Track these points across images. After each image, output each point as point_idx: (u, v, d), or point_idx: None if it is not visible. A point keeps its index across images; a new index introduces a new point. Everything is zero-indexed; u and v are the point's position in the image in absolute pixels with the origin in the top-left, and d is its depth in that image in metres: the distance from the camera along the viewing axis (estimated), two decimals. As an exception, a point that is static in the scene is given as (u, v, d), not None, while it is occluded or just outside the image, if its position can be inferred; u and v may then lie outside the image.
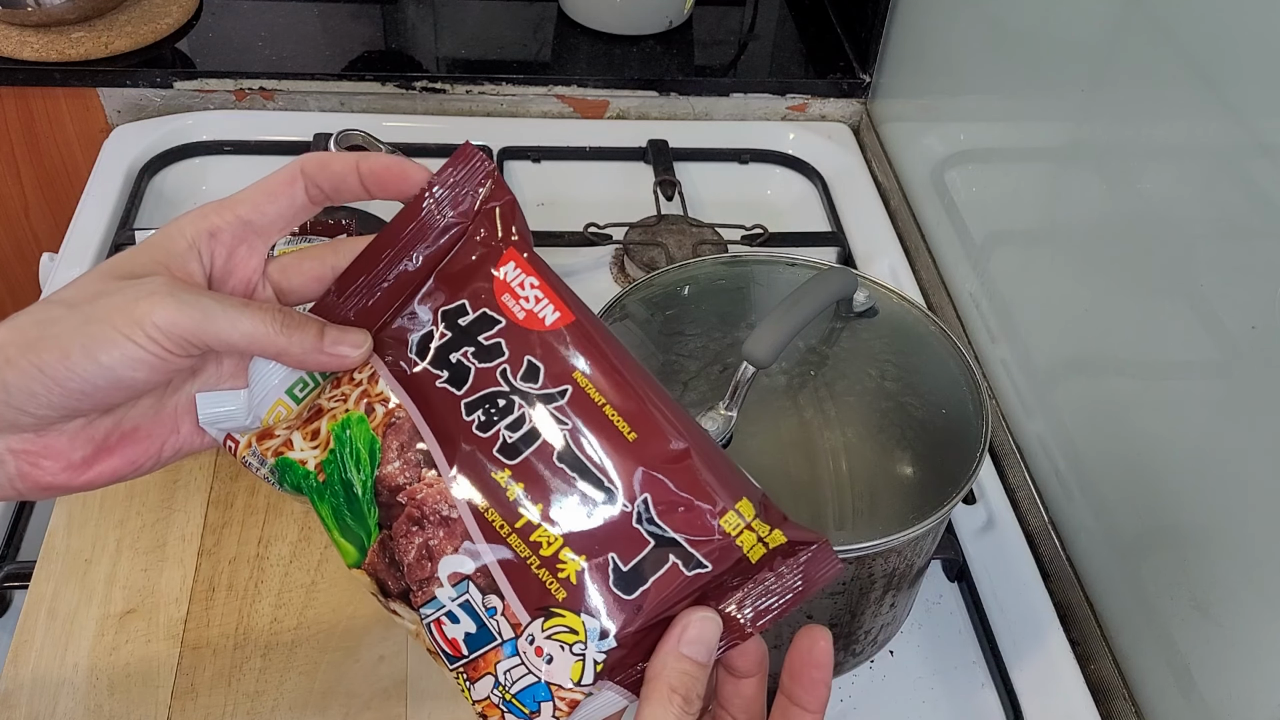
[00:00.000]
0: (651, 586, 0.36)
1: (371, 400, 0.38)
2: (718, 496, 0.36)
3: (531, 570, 0.36)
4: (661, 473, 0.37)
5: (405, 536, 0.37)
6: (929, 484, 0.54)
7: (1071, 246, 0.70)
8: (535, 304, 0.39)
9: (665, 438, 0.37)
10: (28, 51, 0.93)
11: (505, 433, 0.37)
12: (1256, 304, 0.52)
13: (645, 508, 0.36)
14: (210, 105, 0.98)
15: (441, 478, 0.37)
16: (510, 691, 0.36)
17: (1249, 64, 0.53)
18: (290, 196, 0.40)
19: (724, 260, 0.67)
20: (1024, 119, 0.77)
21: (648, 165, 0.97)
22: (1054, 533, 0.71)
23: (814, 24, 1.13)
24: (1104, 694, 0.65)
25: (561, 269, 0.76)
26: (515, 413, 0.37)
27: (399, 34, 1.05)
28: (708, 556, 0.36)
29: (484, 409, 0.38)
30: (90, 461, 0.38)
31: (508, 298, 0.39)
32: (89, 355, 0.35)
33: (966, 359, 0.59)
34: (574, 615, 0.36)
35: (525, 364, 0.38)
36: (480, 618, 0.36)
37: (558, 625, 0.36)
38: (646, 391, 0.38)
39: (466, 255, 0.40)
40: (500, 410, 0.38)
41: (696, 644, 0.36)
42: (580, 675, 0.36)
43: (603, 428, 0.37)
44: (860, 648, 0.59)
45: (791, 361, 0.58)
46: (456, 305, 0.39)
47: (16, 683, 0.54)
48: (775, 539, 0.37)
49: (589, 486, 0.37)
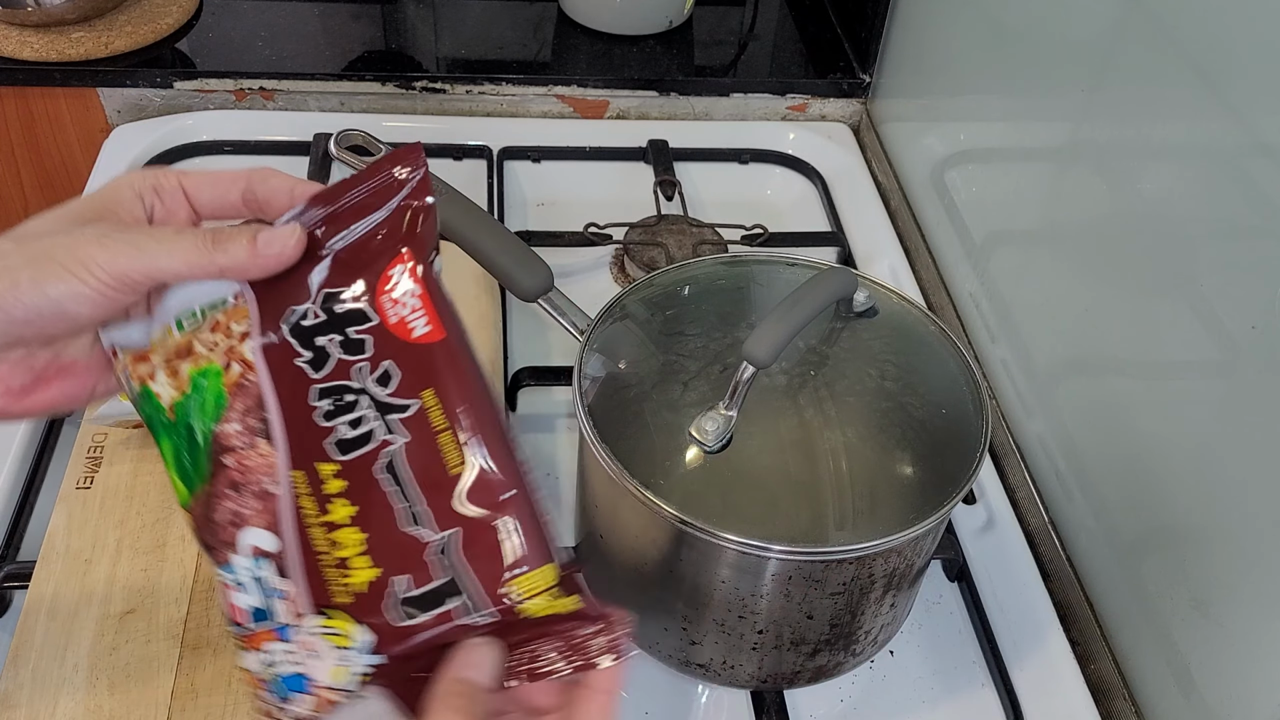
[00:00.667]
0: (432, 618, 0.36)
1: (233, 358, 0.39)
2: (522, 557, 0.36)
3: (324, 567, 0.36)
4: (474, 516, 0.36)
5: (221, 496, 0.38)
6: (929, 484, 0.54)
7: (1071, 246, 0.70)
8: (410, 313, 0.38)
9: (491, 486, 0.37)
10: (28, 51, 0.93)
11: (344, 428, 0.37)
12: (1256, 304, 0.52)
13: (450, 543, 0.36)
14: (210, 105, 0.98)
15: (273, 452, 0.37)
16: (274, 672, 0.36)
17: (1249, 64, 0.53)
18: (227, 191, 0.42)
19: (724, 260, 0.67)
20: (1024, 119, 0.77)
21: (648, 165, 0.97)
22: (1054, 533, 0.71)
23: (814, 24, 1.13)
24: (1104, 694, 0.65)
25: (561, 269, 0.76)
26: (358, 411, 0.37)
27: (399, 34, 1.05)
28: (491, 608, 0.36)
29: (333, 399, 0.38)
30: (29, 390, 0.41)
31: (387, 299, 0.38)
32: (37, 287, 0.37)
33: (966, 359, 0.59)
34: (351, 622, 0.36)
35: (382, 369, 0.38)
36: (267, 596, 0.37)
37: (333, 627, 0.36)
38: (488, 433, 0.37)
39: (367, 245, 0.39)
40: (346, 406, 0.38)
41: (477, 667, 0.36)
42: (341, 679, 0.36)
43: (433, 454, 0.37)
44: (860, 648, 0.60)
45: (791, 361, 0.58)
46: (338, 291, 0.39)
47: (16, 683, 0.54)
48: (566, 605, 0.36)
49: (403, 505, 0.36)
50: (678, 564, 0.54)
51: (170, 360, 0.40)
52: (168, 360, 0.40)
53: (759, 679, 0.59)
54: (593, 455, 0.54)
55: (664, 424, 0.55)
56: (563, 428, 0.75)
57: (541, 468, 0.72)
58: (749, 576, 0.53)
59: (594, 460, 0.55)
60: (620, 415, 0.56)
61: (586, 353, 0.58)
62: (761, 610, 0.55)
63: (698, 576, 0.54)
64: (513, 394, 0.74)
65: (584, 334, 0.60)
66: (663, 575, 0.56)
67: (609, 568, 0.61)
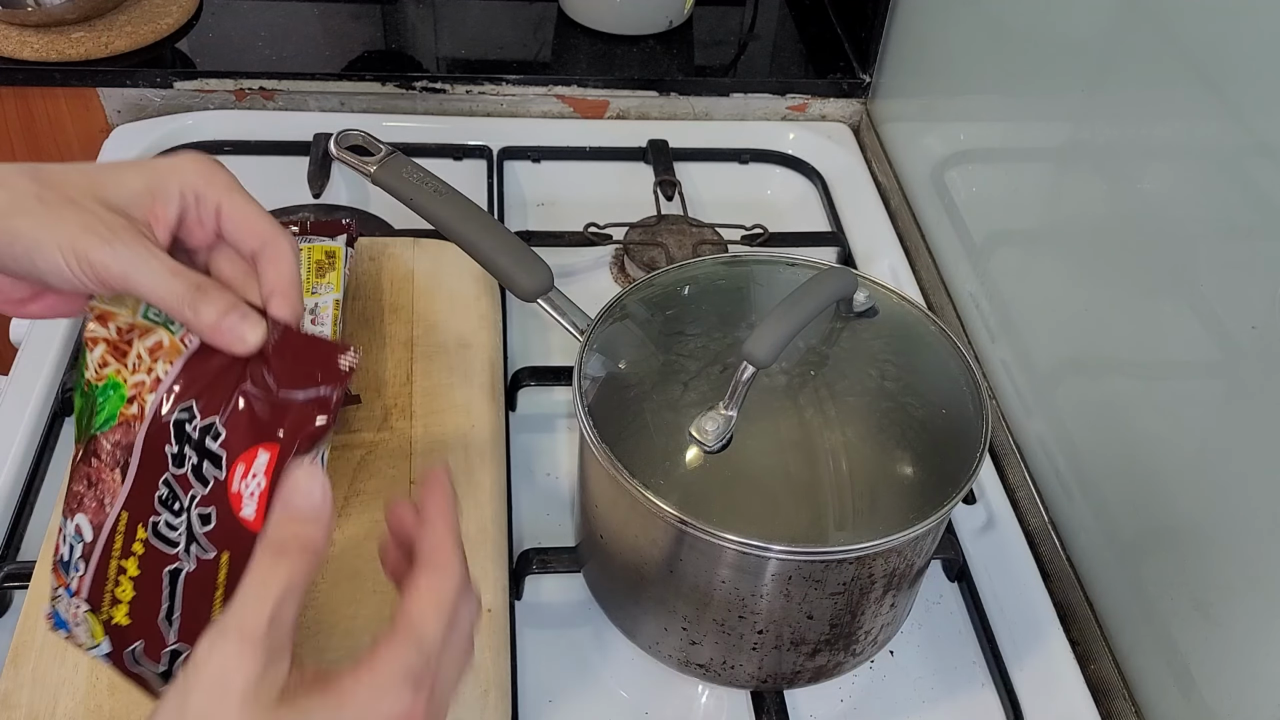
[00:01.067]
0: (149, 675, 0.43)
1: (138, 392, 0.43)
2: None
3: (105, 588, 0.43)
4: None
5: (80, 476, 0.44)
6: (929, 484, 0.54)
7: (1071, 246, 0.70)
8: (248, 494, 0.41)
9: None
10: (28, 51, 0.93)
11: (164, 520, 0.42)
12: (1256, 304, 0.52)
13: (181, 656, 0.42)
14: (210, 105, 0.98)
15: (119, 486, 0.43)
16: (53, 605, 0.44)
17: (1249, 64, 0.53)
18: (247, 240, 0.44)
19: (724, 260, 0.67)
20: (1024, 119, 0.77)
21: (648, 165, 0.97)
22: (1054, 533, 0.71)
23: (814, 24, 1.13)
24: (1104, 694, 0.65)
25: (561, 269, 0.76)
26: (178, 520, 0.42)
27: (399, 34, 1.05)
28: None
29: (169, 494, 0.42)
30: (28, 301, 0.46)
31: (240, 468, 0.41)
32: (27, 253, 0.41)
33: (966, 359, 0.59)
34: (102, 633, 0.43)
35: (208, 511, 0.42)
36: (70, 561, 0.44)
37: (92, 622, 0.43)
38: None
39: (267, 408, 0.42)
40: (173, 510, 0.42)
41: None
42: (85, 646, 0.44)
43: (204, 596, 0.42)
44: (860, 648, 0.60)
45: (791, 361, 0.58)
46: (214, 429, 0.42)
47: (16, 683, 0.54)
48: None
49: (166, 605, 0.42)
50: (678, 564, 0.54)
51: (117, 340, 0.44)
52: (119, 334, 0.44)
53: (759, 679, 0.59)
54: (593, 455, 0.54)
55: (664, 424, 0.55)
56: (563, 428, 0.75)
57: (541, 468, 0.72)
58: (749, 576, 0.53)
59: (594, 460, 0.55)
60: (620, 415, 0.56)
61: (586, 353, 0.58)
62: (761, 610, 0.55)
63: (698, 576, 0.54)
64: (513, 394, 0.74)
65: (584, 334, 0.60)
66: (663, 575, 0.56)
67: (609, 568, 0.61)
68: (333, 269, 0.67)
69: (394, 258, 0.77)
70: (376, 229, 0.88)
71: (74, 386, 0.46)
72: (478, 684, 0.56)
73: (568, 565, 0.64)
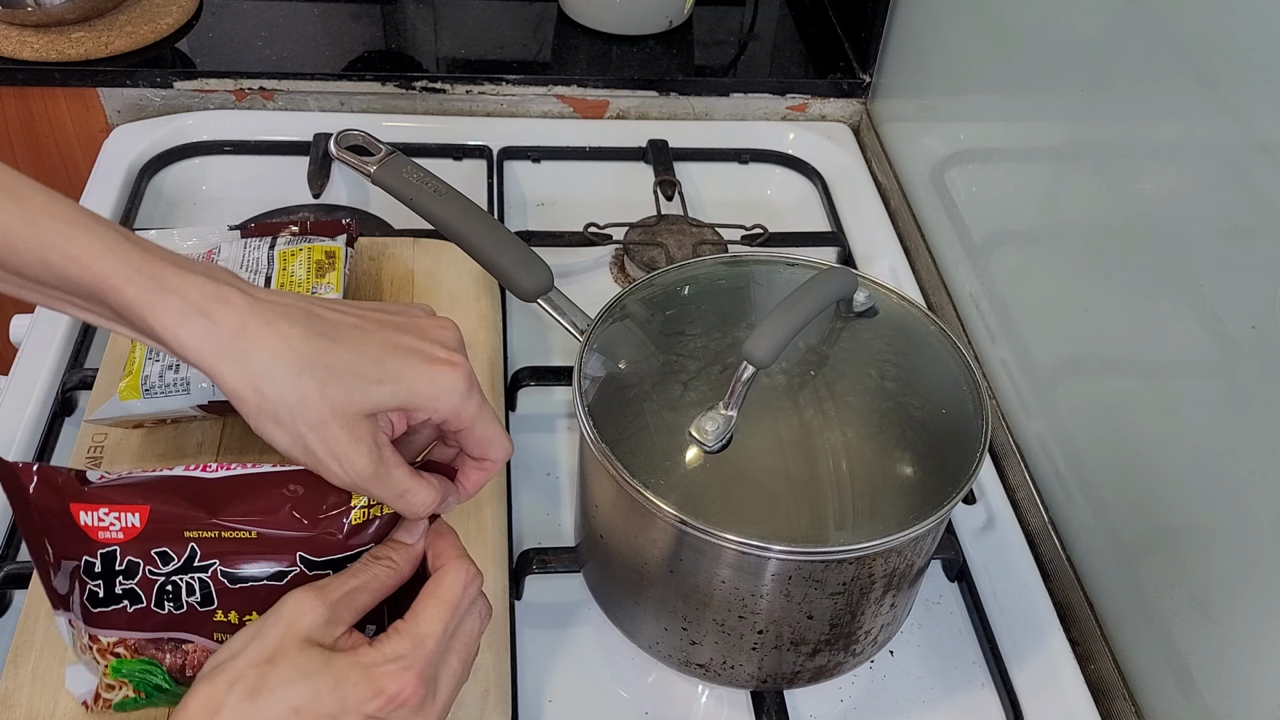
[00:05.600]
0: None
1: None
2: None
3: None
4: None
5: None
6: (929, 484, 0.54)
7: (1071, 246, 0.70)
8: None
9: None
10: (28, 51, 0.93)
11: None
12: (1256, 304, 0.52)
13: None
14: (210, 105, 0.98)
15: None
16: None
17: (1249, 64, 0.53)
18: (458, 487, 0.50)
19: (724, 260, 0.67)
20: (1024, 119, 0.77)
21: (648, 165, 0.97)
22: (1054, 533, 0.71)
23: (814, 24, 1.13)
24: (1104, 694, 0.65)
25: (561, 269, 0.76)
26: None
27: (399, 34, 1.05)
28: None
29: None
30: None
31: None
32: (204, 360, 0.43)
33: (966, 359, 0.59)
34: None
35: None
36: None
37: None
38: None
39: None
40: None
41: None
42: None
43: None
44: (860, 648, 0.60)
45: (791, 361, 0.58)
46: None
47: (16, 683, 0.54)
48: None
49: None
50: (678, 564, 0.54)
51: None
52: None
53: (759, 679, 0.59)
54: (593, 455, 0.54)
55: (664, 424, 0.55)
56: (563, 428, 0.75)
57: (541, 468, 0.72)
58: (749, 576, 0.53)
59: (594, 460, 0.55)
60: (620, 415, 0.56)
61: (586, 353, 0.58)
62: (761, 610, 0.55)
63: (698, 576, 0.54)
64: (513, 394, 0.74)
65: (584, 334, 0.60)
66: (663, 575, 0.56)
67: (609, 568, 0.61)
68: (333, 269, 0.67)
69: (394, 258, 0.77)
70: (376, 229, 0.88)
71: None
72: (478, 684, 0.56)
73: (568, 565, 0.64)
